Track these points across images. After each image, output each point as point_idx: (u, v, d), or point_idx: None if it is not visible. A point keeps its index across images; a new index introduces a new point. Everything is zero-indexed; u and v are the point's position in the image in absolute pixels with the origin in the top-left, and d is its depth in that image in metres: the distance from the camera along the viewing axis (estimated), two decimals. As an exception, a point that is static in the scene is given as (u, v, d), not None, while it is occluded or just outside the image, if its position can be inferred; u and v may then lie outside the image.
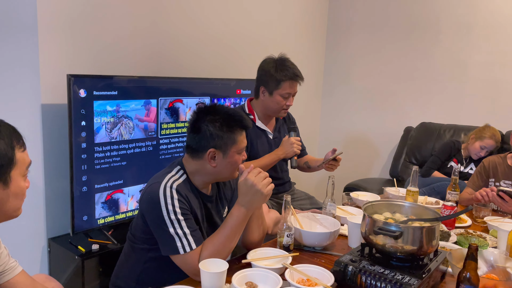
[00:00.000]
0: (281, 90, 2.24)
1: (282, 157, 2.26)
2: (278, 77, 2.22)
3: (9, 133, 1.07)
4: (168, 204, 1.40)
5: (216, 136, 1.48)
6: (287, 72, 2.22)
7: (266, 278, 1.37)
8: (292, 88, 2.26)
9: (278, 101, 2.26)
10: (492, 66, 3.36)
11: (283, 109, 2.31)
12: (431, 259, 1.45)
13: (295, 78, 2.25)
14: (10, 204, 1.10)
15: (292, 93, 2.27)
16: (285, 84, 2.23)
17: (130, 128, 2.38)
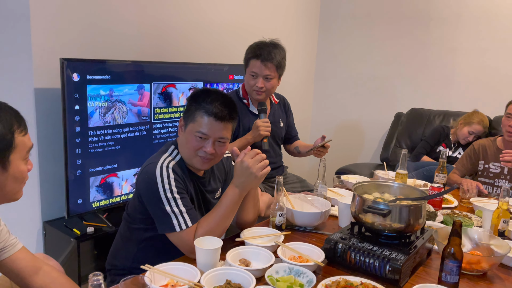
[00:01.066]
0: (248, 69, 2.28)
1: (251, 141, 2.25)
2: (246, 56, 2.28)
3: (9, 117, 1.07)
4: (164, 183, 1.44)
5: (188, 106, 1.52)
6: (255, 51, 2.24)
7: (259, 255, 1.42)
8: (257, 68, 2.23)
9: (247, 80, 2.29)
10: (481, 53, 3.41)
11: (255, 91, 2.28)
12: (417, 236, 1.51)
13: (259, 57, 2.21)
14: (9, 188, 1.11)
15: (259, 73, 2.24)
16: (251, 63, 2.26)
17: (123, 112, 2.40)
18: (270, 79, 2.27)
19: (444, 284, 1.30)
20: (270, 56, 2.23)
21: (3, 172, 1.08)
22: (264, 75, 2.25)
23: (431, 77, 3.67)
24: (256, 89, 2.28)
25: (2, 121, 1.05)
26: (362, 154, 4.14)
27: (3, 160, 1.06)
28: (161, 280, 1.25)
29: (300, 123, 4.08)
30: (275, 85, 2.33)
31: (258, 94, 2.31)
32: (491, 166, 2.44)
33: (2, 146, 1.05)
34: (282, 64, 2.31)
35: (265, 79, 2.26)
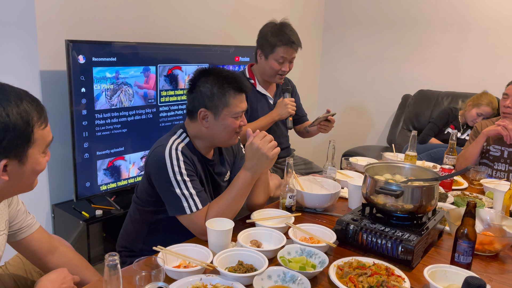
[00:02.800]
0: (275, 55, 2.23)
1: (277, 119, 2.26)
2: (272, 42, 2.21)
3: (29, 108, 0.99)
4: (174, 166, 1.42)
5: (206, 96, 1.48)
6: (282, 38, 2.20)
7: (270, 236, 1.42)
8: (287, 53, 2.23)
9: (272, 65, 2.25)
10: (491, 33, 3.34)
11: (278, 75, 2.28)
12: (429, 218, 1.50)
13: (290, 45, 2.21)
14: (26, 180, 1.05)
15: (288, 58, 2.24)
16: (279, 49, 2.21)
17: (129, 95, 2.38)
18: (292, 61, 2.30)
19: (456, 265, 1.29)
20: (299, 41, 2.24)
21: (20, 166, 1.01)
22: (291, 59, 2.27)
23: (439, 58, 3.61)
24: (281, 73, 2.28)
25: (21, 113, 0.97)
26: (369, 136, 4.12)
27: (20, 155, 0.99)
28: (173, 261, 1.25)
29: (307, 104, 4.04)
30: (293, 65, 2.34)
31: (281, 78, 2.33)
32: (491, 149, 2.41)
33: (20, 142, 0.98)
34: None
35: (290, 62, 2.28)
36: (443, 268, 1.24)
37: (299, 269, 1.21)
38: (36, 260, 1.25)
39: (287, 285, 1.17)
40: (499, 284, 1.27)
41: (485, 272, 1.34)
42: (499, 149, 2.39)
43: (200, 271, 1.20)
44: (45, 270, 1.26)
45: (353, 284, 1.17)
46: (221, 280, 1.15)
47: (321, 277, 1.25)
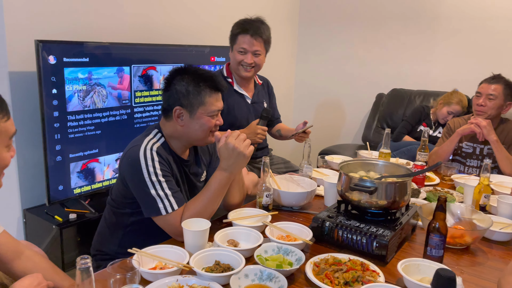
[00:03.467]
0: (237, 45, 2.24)
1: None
2: (234, 32, 2.25)
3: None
4: (149, 166, 1.41)
5: (182, 94, 1.47)
6: (243, 26, 2.22)
7: (247, 235, 1.42)
8: (246, 43, 2.22)
9: (235, 56, 2.26)
10: (460, 33, 3.44)
11: (242, 66, 2.27)
12: (402, 213, 1.53)
13: (248, 32, 2.20)
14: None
15: (248, 49, 2.23)
16: (239, 38, 2.23)
17: (103, 96, 2.33)
18: (258, 54, 2.27)
19: (429, 258, 1.33)
20: (260, 31, 2.23)
21: None
22: (253, 51, 2.24)
23: (412, 57, 3.69)
24: (245, 65, 2.27)
25: None
26: (344, 135, 4.17)
27: None
28: (149, 263, 1.24)
29: (283, 105, 4.07)
30: (263, 62, 2.33)
31: (247, 71, 2.30)
32: (464, 146, 2.48)
33: None
34: (269, 40, 2.32)
35: (254, 55, 2.26)
36: (416, 262, 1.27)
37: (276, 267, 1.22)
38: (1, 265, 1.21)
39: (264, 283, 1.18)
40: (470, 276, 1.31)
41: (456, 264, 1.38)
42: (471, 146, 2.46)
43: (177, 272, 1.19)
44: (12, 276, 1.22)
45: (329, 280, 1.18)
46: (198, 281, 1.14)
47: (298, 274, 1.26)
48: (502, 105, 2.35)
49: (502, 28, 3.26)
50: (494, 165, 2.32)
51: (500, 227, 1.58)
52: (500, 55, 3.28)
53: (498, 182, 2.10)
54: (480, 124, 2.29)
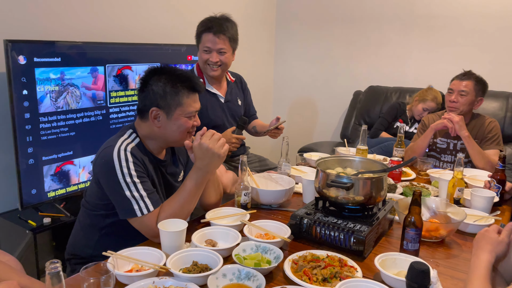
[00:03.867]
0: (201, 44, 2.23)
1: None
2: (198, 30, 2.23)
3: None
4: (123, 167, 1.38)
5: (159, 95, 1.45)
6: (205, 24, 2.20)
7: (225, 235, 1.41)
8: (210, 41, 2.19)
9: (201, 55, 2.24)
10: (434, 31, 3.50)
11: (208, 65, 2.25)
12: (379, 208, 1.55)
13: (211, 30, 2.17)
14: None
15: (212, 48, 2.20)
16: (203, 37, 2.21)
17: (77, 96, 2.28)
18: (224, 53, 2.24)
19: (405, 252, 1.34)
20: (222, 28, 2.20)
21: None
22: (218, 49, 2.22)
23: (387, 55, 3.74)
24: (211, 63, 2.25)
25: None
26: (323, 132, 4.20)
27: None
28: (124, 266, 1.21)
29: (261, 103, 4.07)
30: (230, 60, 2.30)
31: (213, 70, 2.27)
32: (438, 142, 2.53)
33: None
34: (235, 37, 2.28)
35: (219, 53, 2.23)
36: (392, 256, 1.28)
37: (254, 266, 1.21)
38: None
39: (242, 282, 1.17)
40: (445, 269, 1.33)
41: (432, 257, 1.40)
42: (445, 142, 2.51)
43: (153, 274, 1.17)
44: None
45: (307, 277, 1.18)
46: (175, 282, 1.12)
47: (277, 272, 1.26)
48: (473, 100, 2.41)
49: (473, 25, 3.33)
50: (468, 159, 2.37)
51: (474, 220, 1.62)
52: (472, 52, 3.36)
53: (471, 175, 2.14)
54: (453, 120, 2.33)
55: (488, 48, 3.30)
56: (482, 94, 2.43)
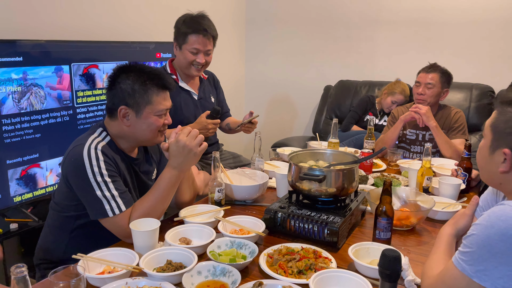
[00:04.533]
0: (188, 45, 2.20)
1: None
2: (184, 31, 2.19)
3: None
4: (93, 166, 1.34)
5: (127, 93, 1.42)
6: (194, 26, 2.17)
7: (199, 232, 1.39)
8: (199, 43, 2.19)
9: (186, 56, 2.22)
10: (400, 25, 3.58)
11: (193, 66, 2.25)
12: (352, 199, 1.57)
13: (201, 32, 2.17)
14: None
15: (201, 49, 2.21)
16: (191, 38, 2.18)
17: (41, 97, 2.21)
18: (209, 53, 2.26)
19: (378, 241, 1.37)
20: (211, 29, 2.21)
21: None
22: (206, 50, 2.23)
23: (356, 50, 3.80)
24: (197, 64, 2.24)
25: None
26: (296, 127, 4.23)
27: None
28: (96, 268, 1.18)
29: (234, 100, 4.06)
30: (211, 58, 2.31)
31: (198, 70, 2.28)
32: (408, 133, 2.59)
33: None
34: (217, 37, 2.30)
35: (206, 54, 2.24)
36: (365, 246, 1.30)
37: (229, 262, 1.20)
38: None
39: (217, 278, 1.16)
40: (416, 255, 1.36)
41: (403, 245, 1.43)
42: (414, 133, 2.57)
43: (126, 275, 1.14)
44: None
45: (282, 270, 1.19)
46: (149, 282, 1.10)
47: (252, 267, 1.26)
48: (440, 92, 2.48)
49: (436, 19, 3.42)
50: (436, 149, 2.44)
51: (442, 207, 1.66)
52: (436, 45, 3.45)
53: (439, 164, 2.21)
54: (420, 111, 2.39)
55: (451, 40, 3.40)
56: (448, 85, 2.51)
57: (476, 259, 0.92)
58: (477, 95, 3.17)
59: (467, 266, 0.93)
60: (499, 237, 0.88)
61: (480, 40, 3.30)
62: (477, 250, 0.92)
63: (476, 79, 3.28)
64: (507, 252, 0.87)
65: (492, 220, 0.91)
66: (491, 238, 0.89)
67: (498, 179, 1.06)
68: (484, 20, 3.26)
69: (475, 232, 0.93)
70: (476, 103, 3.16)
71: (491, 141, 1.06)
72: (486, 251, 0.90)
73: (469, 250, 0.93)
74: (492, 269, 0.90)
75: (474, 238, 0.93)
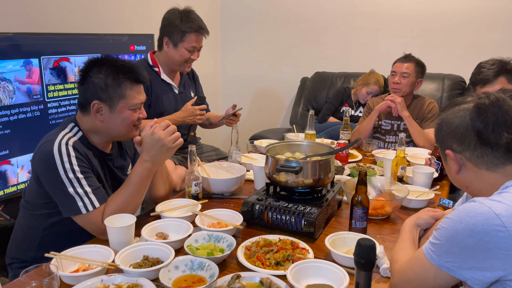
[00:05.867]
0: (186, 43, 2.19)
1: (180, 122, 2.21)
2: (183, 29, 2.17)
3: None
4: (64, 162, 1.31)
5: (100, 88, 1.39)
6: (193, 24, 2.17)
7: (176, 227, 1.38)
8: (197, 41, 2.23)
9: (183, 54, 2.21)
10: (375, 16, 3.62)
11: (187, 63, 2.26)
12: (328, 190, 1.58)
13: (201, 31, 2.21)
14: None
15: (197, 47, 2.24)
16: (190, 37, 2.19)
17: (9, 91, 2.13)
18: (200, 50, 2.28)
19: (354, 230, 1.39)
20: (205, 26, 2.24)
21: None
22: (199, 47, 2.26)
23: (331, 41, 3.82)
24: (191, 61, 2.26)
25: None
26: (273, 119, 4.23)
27: None
28: (70, 267, 1.16)
29: (211, 96, 4.02)
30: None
31: (190, 67, 2.31)
32: (383, 123, 2.63)
33: None
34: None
35: (198, 50, 2.27)
36: (342, 235, 1.32)
37: (207, 255, 1.20)
38: None
39: (195, 273, 1.15)
40: (392, 244, 1.38)
41: (379, 234, 1.46)
42: (390, 123, 2.61)
43: (101, 273, 1.12)
44: None
45: (260, 262, 1.19)
46: (125, 278, 1.09)
47: (230, 260, 1.25)
48: (414, 82, 2.52)
49: (408, 10, 3.47)
50: (410, 139, 2.49)
51: (416, 195, 1.70)
52: (409, 36, 3.51)
53: (413, 154, 2.25)
54: (395, 101, 2.43)
55: (424, 32, 3.46)
56: (422, 75, 2.55)
57: (444, 252, 0.95)
58: (448, 85, 3.25)
59: (436, 257, 0.96)
60: (467, 233, 0.91)
61: (452, 31, 3.37)
62: (445, 243, 0.95)
63: (448, 70, 3.35)
64: (475, 246, 0.90)
65: (461, 215, 0.93)
66: (459, 233, 0.92)
67: (462, 183, 1.11)
68: (456, 11, 3.33)
69: (445, 226, 0.96)
70: (448, 93, 3.23)
71: (440, 151, 1.13)
72: (454, 244, 0.93)
73: (438, 243, 0.96)
74: (460, 261, 0.93)
75: (443, 231, 0.96)
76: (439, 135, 1.11)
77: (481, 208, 0.91)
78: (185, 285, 1.10)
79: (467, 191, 1.14)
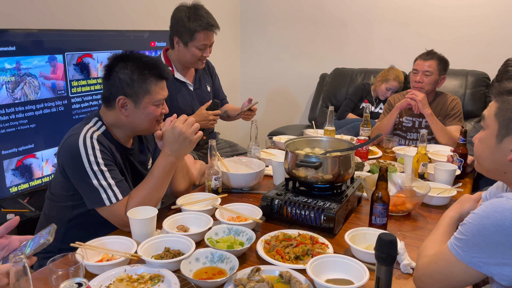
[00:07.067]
0: (196, 42, 2.16)
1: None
2: (192, 28, 2.13)
3: None
4: (89, 155, 1.34)
5: (126, 83, 1.41)
6: (201, 22, 2.13)
7: (197, 220, 1.40)
8: (208, 39, 2.19)
9: (194, 53, 2.19)
10: (397, 10, 3.56)
11: (200, 60, 2.25)
12: (348, 186, 1.58)
13: (210, 28, 2.16)
14: None
15: (208, 44, 2.21)
16: (199, 35, 2.15)
17: (35, 87, 2.19)
18: (211, 45, 2.26)
19: (374, 226, 1.38)
20: (215, 23, 2.20)
21: None
22: (211, 43, 2.23)
23: (352, 36, 3.78)
24: (203, 58, 2.24)
25: None
26: (292, 116, 4.23)
27: None
28: (94, 257, 1.19)
29: (229, 91, 4.04)
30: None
31: (203, 63, 2.29)
32: (404, 120, 2.59)
33: None
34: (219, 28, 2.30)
35: (210, 46, 2.25)
36: (362, 231, 1.31)
37: (227, 248, 1.21)
38: None
39: (215, 265, 1.17)
40: (412, 240, 1.37)
41: (399, 230, 1.45)
42: (411, 120, 2.58)
43: (124, 263, 1.15)
44: None
45: (280, 256, 1.20)
46: (147, 269, 1.11)
47: (249, 253, 1.27)
48: (437, 79, 2.48)
49: (431, 5, 3.41)
50: (431, 136, 2.45)
51: (437, 192, 1.68)
52: (431, 30, 3.44)
53: (434, 151, 2.22)
54: (416, 98, 2.40)
55: (447, 26, 3.39)
56: (445, 72, 2.50)
57: (471, 247, 0.93)
58: (472, 82, 3.18)
59: (462, 252, 0.95)
60: (495, 228, 0.89)
61: (475, 26, 3.30)
62: (471, 239, 0.93)
63: (472, 66, 3.28)
64: (503, 242, 0.89)
65: (488, 211, 0.92)
66: (486, 229, 0.91)
67: (503, 168, 1.05)
68: (479, 6, 3.26)
69: (471, 221, 0.94)
70: (472, 90, 3.16)
71: (497, 130, 1.04)
72: (481, 240, 0.91)
73: (465, 238, 0.94)
74: (487, 257, 0.91)
75: (470, 226, 0.94)
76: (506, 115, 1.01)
77: (509, 204, 0.89)
78: (205, 276, 1.12)
79: (504, 178, 1.08)
